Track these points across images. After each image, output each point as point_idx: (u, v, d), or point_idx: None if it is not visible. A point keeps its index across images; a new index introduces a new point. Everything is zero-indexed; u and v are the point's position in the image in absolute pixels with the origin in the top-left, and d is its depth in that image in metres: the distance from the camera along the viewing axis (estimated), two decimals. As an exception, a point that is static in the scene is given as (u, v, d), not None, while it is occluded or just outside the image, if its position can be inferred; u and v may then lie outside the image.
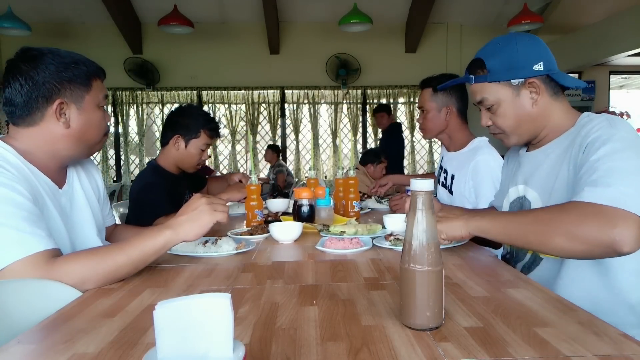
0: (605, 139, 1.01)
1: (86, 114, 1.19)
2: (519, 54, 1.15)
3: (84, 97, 1.18)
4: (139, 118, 6.72)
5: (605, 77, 7.24)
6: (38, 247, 0.98)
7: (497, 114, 1.22)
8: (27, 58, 1.13)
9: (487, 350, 0.66)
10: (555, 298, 0.88)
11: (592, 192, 0.93)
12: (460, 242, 1.35)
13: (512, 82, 1.16)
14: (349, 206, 1.94)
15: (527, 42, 1.17)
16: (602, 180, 0.94)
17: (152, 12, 5.99)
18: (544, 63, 1.15)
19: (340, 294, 0.93)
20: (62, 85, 1.14)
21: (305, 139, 6.98)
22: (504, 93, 1.18)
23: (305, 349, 0.68)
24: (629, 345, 0.67)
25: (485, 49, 1.22)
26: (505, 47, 1.17)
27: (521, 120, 1.20)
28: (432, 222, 0.74)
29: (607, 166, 0.96)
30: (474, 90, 1.24)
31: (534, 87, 1.16)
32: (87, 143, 1.23)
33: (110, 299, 0.94)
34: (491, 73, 1.18)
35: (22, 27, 5.02)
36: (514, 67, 1.15)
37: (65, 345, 0.71)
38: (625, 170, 0.94)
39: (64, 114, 1.16)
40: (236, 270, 1.15)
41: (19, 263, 0.95)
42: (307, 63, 6.63)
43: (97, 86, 1.22)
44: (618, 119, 1.07)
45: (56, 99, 1.14)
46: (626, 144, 0.99)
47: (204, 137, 2.08)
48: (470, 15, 6.51)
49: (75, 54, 1.20)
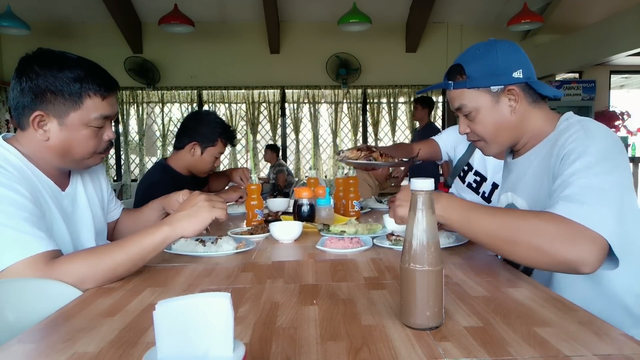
0: (580, 151, 1.00)
1: (69, 131, 1.11)
2: (499, 60, 1.14)
3: (68, 114, 1.10)
4: (139, 117, 6.72)
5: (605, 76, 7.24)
6: (38, 249, 0.97)
7: (475, 121, 1.20)
8: (30, 62, 1.10)
9: (487, 350, 0.66)
10: (555, 298, 0.89)
11: (567, 207, 0.92)
12: (461, 242, 1.35)
13: (492, 89, 1.15)
14: (349, 206, 1.94)
15: (507, 49, 1.15)
16: (577, 197, 0.93)
17: (153, 11, 5.98)
18: (523, 71, 1.14)
19: (340, 294, 0.93)
20: (44, 98, 1.08)
21: (306, 139, 6.98)
22: (483, 100, 1.16)
23: (306, 349, 0.68)
24: (629, 345, 0.67)
25: (465, 55, 1.20)
26: (486, 53, 1.16)
27: (500, 128, 1.18)
28: (432, 221, 0.74)
29: (581, 182, 0.95)
30: (452, 96, 1.22)
31: (513, 94, 1.14)
32: (72, 158, 1.15)
33: (111, 298, 0.94)
34: (470, 79, 1.16)
35: (22, 26, 5.02)
36: (494, 74, 1.14)
37: (65, 345, 0.71)
38: (599, 188, 0.93)
39: (43, 125, 1.09)
40: (236, 269, 1.15)
41: (19, 264, 0.95)
42: (308, 62, 6.63)
43: (92, 104, 1.12)
44: (595, 126, 1.05)
45: (35, 110, 1.08)
46: (601, 156, 0.98)
47: (220, 146, 2.12)
48: (471, 15, 6.50)
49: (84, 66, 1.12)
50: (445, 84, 1.23)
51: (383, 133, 6.97)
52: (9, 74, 6.36)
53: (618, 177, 0.97)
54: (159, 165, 2.15)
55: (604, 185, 0.94)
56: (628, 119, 7.11)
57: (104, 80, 1.15)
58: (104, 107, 1.15)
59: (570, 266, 0.88)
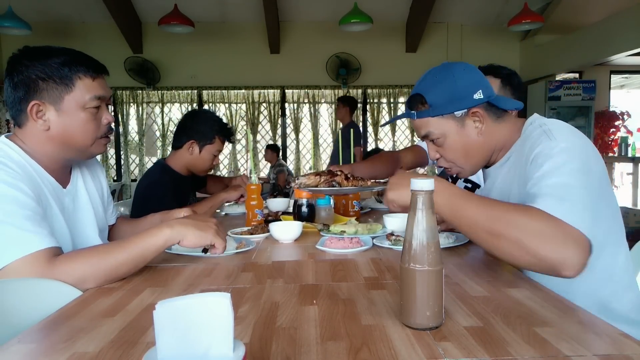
0: (546, 153, 0.99)
1: (66, 116, 1.12)
2: (457, 84, 1.13)
3: (63, 98, 1.11)
4: (139, 117, 6.72)
5: (605, 76, 7.24)
6: (39, 246, 0.97)
7: (444, 146, 1.18)
8: (18, 58, 1.12)
9: (487, 350, 0.66)
10: (555, 297, 0.88)
11: (546, 202, 0.89)
12: (461, 242, 1.35)
13: (455, 114, 1.14)
14: (349, 206, 1.94)
15: (462, 71, 1.14)
16: (554, 192, 0.91)
17: (153, 11, 5.98)
18: (482, 90, 1.13)
19: (340, 294, 0.93)
20: (36, 86, 1.09)
21: (306, 139, 6.98)
22: (448, 126, 1.15)
23: (306, 349, 0.68)
24: (629, 345, 0.67)
25: (423, 83, 1.18)
26: (443, 79, 1.15)
27: (469, 150, 1.17)
28: (433, 221, 0.74)
29: (553, 181, 0.93)
30: (417, 125, 1.20)
31: (478, 116, 1.14)
32: (75, 146, 1.16)
33: (111, 298, 0.94)
34: (433, 107, 1.14)
35: (23, 26, 5.03)
36: (455, 99, 1.13)
37: (65, 345, 0.71)
38: (573, 185, 0.92)
39: (42, 115, 1.10)
40: (236, 269, 1.15)
41: (19, 261, 0.95)
42: (308, 62, 6.63)
43: (85, 85, 1.13)
44: (557, 128, 1.04)
45: (32, 99, 1.09)
46: (569, 156, 0.97)
47: (218, 143, 2.12)
48: (471, 15, 6.50)
49: (69, 52, 1.14)
50: (408, 114, 1.21)
51: (383, 133, 6.97)
52: (9, 74, 6.38)
53: (588, 177, 0.97)
54: (158, 165, 2.15)
55: (576, 183, 0.93)
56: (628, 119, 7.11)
57: (91, 61, 1.16)
58: (96, 88, 1.16)
59: (554, 268, 0.85)
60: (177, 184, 2.08)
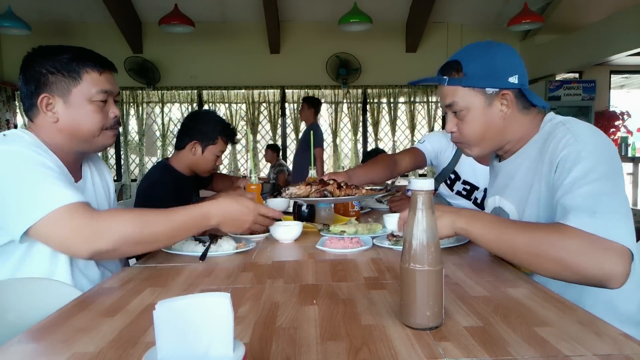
0: (574, 158, 0.99)
1: (74, 108, 1.17)
2: (497, 63, 1.13)
3: (70, 91, 1.16)
4: (139, 117, 6.71)
5: (605, 76, 7.23)
6: (77, 198, 1.03)
7: (464, 120, 1.18)
8: (31, 55, 1.18)
9: (487, 350, 0.66)
10: (555, 297, 0.89)
11: (578, 218, 0.90)
12: (461, 242, 1.35)
13: (487, 90, 1.13)
14: (349, 206, 1.94)
15: (505, 52, 1.15)
16: (584, 206, 0.92)
17: (153, 11, 5.98)
18: (518, 77, 1.13)
19: (340, 294, 0.93)
20: (45, 79, 1.15)
21: (306, 139, 6.98)
22: (476, 100, 1.15)
23: (306, 349, 0.68)
24: (629, 344, 0.67)
25: (464, 52, 1.18)
26: (486, 53, 1.15)
27: (487, 131, 1.17)
28: (432, 221, 0.74)
29: (584, 190, 0.94)
30: (445, 92, 1.20)
31: (507, 99, 1.13)
32: (83, 138, 1.20)
33: (111, 298, 0.94)
34: (467, 77, 1.14)
35: (22, 26, 5.02)
36: (491, 76, 1.13)
37: (65, 345, 0.71)
38: (603, 193, 0.93)
39: (51, 107, 1.16)
40: (236, 269, 1.15)
41: (60, 210, 1.00)
42: (308, 62, 6.63)
43: (91, 79, 1.18)
44: (581, 128, 1.04)
45: (41, 92, 1.15)
46: (596, 160, 0.97)
47: (221, 144, 2.12)
48: (471, 15, 6.50)
49: (76, 49, 1.20)
50: (439, 78, 1.20)
51: (383, 133, 6.96)
52: (9, 74, 6.37)
53: (616, 180, 0.97)
54: (160, 165, 2.16)
55: (606, 190, 0.93)
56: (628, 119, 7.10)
57: (98, 57, 1.22)
58: (103, 82, 1.21)
59: (600, 282, 0.87)
60: (179, 184, 2.09)
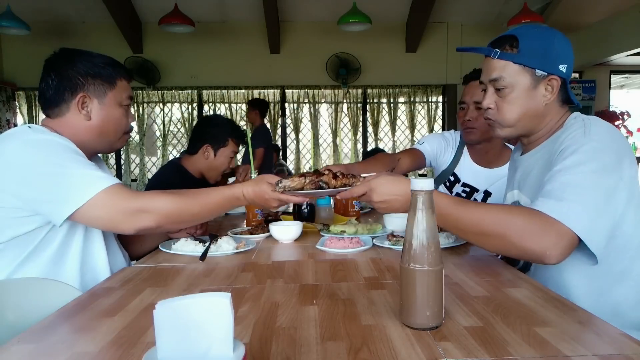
0: (573, 149, 1.01)
1: (107, 109, 1.27)
2: (555, 47, 1.11)
3: (106, 94, 1.27)
4: (140, 117, 6.71)
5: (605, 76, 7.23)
6: (114, 181, 1.10)
7: (506, 98, 1.14)
8: (61, 57, 1.26)
9: (487, 350, 0.66)
10: (555, 297, 0.89)
11: (544, 202, 0.96)
12: (461, 242, 1.35)
13: (537, 71, 1.11)
14: (349, 205, 1.94)
15: (563, 39, 1.13)
16: (556, 192, 0.97)
17: (153, 11, 5.98)
18: (567, 67, 1.12)
19: (340, 294, 0.93)
20: (86, 81, 1.24)
21: (306, 139, 6.98)
22: (523, 79, 1.12)
23: (306, 349, 0.68)
24: (629, 344, 0.67)
25: (522, 29, 1.14)
26: (544, 35, 1.12)
27: (525, 114, 1.14)
28: (432, 221, 0.74)
29: (565, 179, 0.98)
30: (492, 66, 1.15)
31: (552, 85, 1.12)
32: (108, 137, 1.29)
33: (111, 298, 0.94)
34: (521, 54, 1.11)
35: (22, 26, 5.01)
36: (546, 57, 1.11)
37: (65, 345, 0.71)
38: (580, 185, 0.96)
39: (86, 107, 1.24)
40: (236, 269, 1.15)
41: (101, 194, 1.06)
42: (308, 62, 6.62)
43: (122, 86, 1.30)
44: (596, 125, 1.05)
45: (80, 92, 1.23)
46: (591, 156, 0.99)
47: (232, 145, 2.16)
48: (471, 15, 6.50)
49: (106, 57, 1.30)
50: (490, 50, 1.16)
51: (383, 133, 6.96)
52: (8, 74, 6.36)
53: (604, 179, 0.97)
54: (173, 166, 2.18)
55: (586, 183, 0.96)
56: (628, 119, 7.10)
57: (125, 67, 1.35)
58: (129, 90, 1.34)
59: (538, 257, 0.93)
60: (189, 185, 2.09)
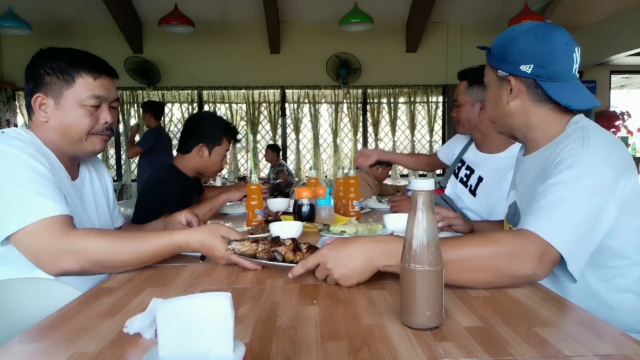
0: (570, 162, 1.00)
1: (64, 111, 1.17)
2: (515, 48, 1.11)
3: (62, 93, 1.17)
4: (140, 117, 6.71)
5: (606, 76, 7.23)
6: (56, 211, 1.01)
7: (486, 94, 1.25)
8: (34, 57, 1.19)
9: (487, 350, 0.66)
10: (555, 298, 0.89)
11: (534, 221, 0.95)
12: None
13: (499, 72, 1.16)
14: (350, 206, 1.94)
15: (531, 40, 1.09)
16: (548, 209, 0.96)
17: (153, 11, 5.98)
18: (534, 67, 1.09)
19: (340, 294, 0.93)
20: (42, 80, 1.16)
21: (306, 139, 6.98)
22: (492, 78, 1.20)
23: (306, 349, 0.68)
24: (630, 345, 0.67)
25: (503, 32, 1.19)
26: (509, 36, 1.14)
27: (496, 112, 1.21)
28: (433, 222, 0.74)
29: (559, 194, 0.97)
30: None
31: (511, 85, 1.14)
32: (71, 140, 1.19)
33: (111, 298, 0.94)
34: (490, 55, 1.19)
35: (23, 26, 5.02)
36: (503, 59, 1.14)
37: (65, 344, 0.71)
38: (574, 202, 0.96)
39: (44, 107, 1.17)
40: (236, 269, 1.15)
41: (36, 225, 0.98)
42: (308, 62, 6.63)
43: (85, 84, 1.18)
44: (595, 135, 1.03)
45: (36, 92, 1.17)
46: (588, 170, 0.98)
47: (226, 143, 2.17)
48: (471, 15, 6.50)
49: (77, 52, 1.20)
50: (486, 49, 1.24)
51: (383, 133, 6.97)
52: (9, 74, 6.36)
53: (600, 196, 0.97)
54: (165, 165, 2.17)
55: (580, 200, 0.96)
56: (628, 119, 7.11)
57: (95, 61, 1.22)
58: (96, 87, 1.20)
59: (526, 280, 0.94)
60: (183, 185, 2.10)
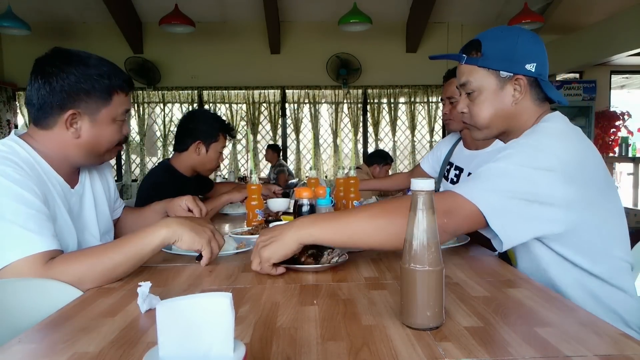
0: (513, 145, 1.05)
1: (99, 127, 1.17)
2: (517, 47, 1.12)
3: (100, 110, 1.16)
4: (140, 118, 6.72)
5: (606, 76, 7.24)
6: (41, 248, 0.98)
7: (475, 102, 1.17)
8: (53, 61, 1.13)
9: (487, 350, 0.66)
10: (555, 298, 0.89)
11: (460, 185, 1.00)
12: (462, 242, 1.35)
13: (501, 73, 1.13)
14: (349, 206, 1.94)
15: (528, 39, 1.13)
16: (475, 176, 1.01)
17: (153, 11, 5.99)
18: (537, 65, 1.11)
19: (340, 294, 0.93)
20: (78, 97, 1.12)
21: (306, 139, 6.99)
22: (488, 82, 1.14)
23: (306, 349, 0.68)
24: (630, 345, 0.67)
25: (486, 33, 1.18)
26: (507, 37, 1.14)
27: (495, 115, 1.16)
28: (433, 222, 0.74)
29: (490, 165, 1.01)
30: (462, 71, 1.19)
31: (520, 84, 1.13)
32: (97, 153, 1.21)
33: (111, 298, 0.94)
34: (484, 57, 1.14)
35: (22, 26, 5.01)
36: (508, 59, 1.12)
37: (65, 345, 0.71)
38: (495, 171, 0.99)
39: (75, 124, 1.14)
40: (237, 269, 1.15)
41: (20, 262, 0.96)
42: (308, 62, 6.63)
43: (119, 100, 1.19)
44: (550, 128, 1.08)
45: (69, 109, 1.12)
46: (521, 149, 1.02)
47: (222, 140, 2.17)
48: (471, 15, 6.50)
49: (105, 64, 1.17)
50: (458, 56, 1.19)
51: (383, 133, 6.98)
52: (9, 74, 6.37)
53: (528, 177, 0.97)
54: (163, 166, 2.18)
55: (500, 170, 0.99)
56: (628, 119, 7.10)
57: (126, 77, 1.22)
58: (127, 102, 1.23)
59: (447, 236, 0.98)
60: (181, 184, 2.10)
